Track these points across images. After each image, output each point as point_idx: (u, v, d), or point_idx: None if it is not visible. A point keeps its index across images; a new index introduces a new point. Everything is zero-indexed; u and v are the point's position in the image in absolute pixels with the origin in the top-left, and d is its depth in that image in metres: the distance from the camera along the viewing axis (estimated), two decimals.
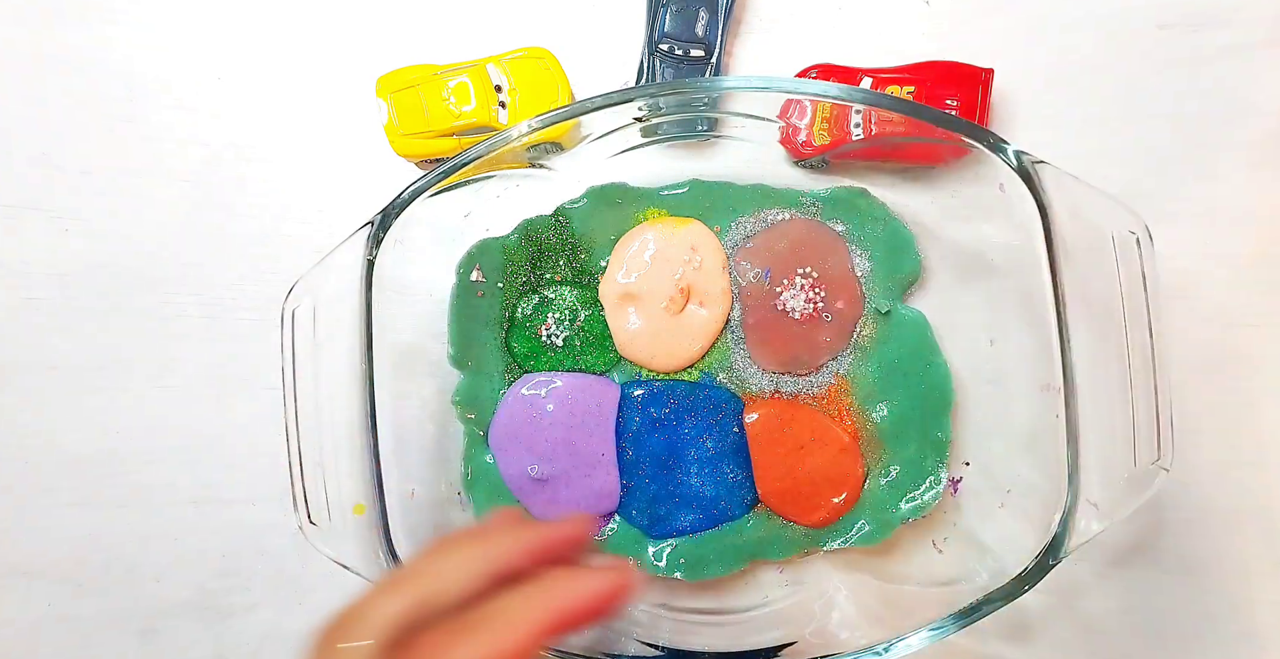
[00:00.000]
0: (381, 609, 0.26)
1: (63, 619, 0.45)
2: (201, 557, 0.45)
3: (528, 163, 0.40)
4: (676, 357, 0.42)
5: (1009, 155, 0.35)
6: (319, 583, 0.45)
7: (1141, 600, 0.42)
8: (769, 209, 0.43)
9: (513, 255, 0.42)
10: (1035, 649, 0.43)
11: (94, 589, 0.45)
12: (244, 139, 0.46)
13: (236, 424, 0.45)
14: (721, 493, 0.42)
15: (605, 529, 0.42)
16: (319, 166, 0.46)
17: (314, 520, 0.35)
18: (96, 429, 0.45)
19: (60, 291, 0.46)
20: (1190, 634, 0.42)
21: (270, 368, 0.45)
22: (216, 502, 0.45)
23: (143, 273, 0.46)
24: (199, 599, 0.45)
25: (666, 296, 0.42)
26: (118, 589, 0.45)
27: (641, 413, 0.42)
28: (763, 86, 0.36)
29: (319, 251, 0.45)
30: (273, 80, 0.46)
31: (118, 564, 0.45)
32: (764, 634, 0.40)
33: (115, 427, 0.45)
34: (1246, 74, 0.44)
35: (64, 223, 0.46)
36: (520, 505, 0.42)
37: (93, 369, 0.45)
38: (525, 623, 0.25)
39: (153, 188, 0.46)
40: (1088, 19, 0.44)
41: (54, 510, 0.45)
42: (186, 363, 0.45)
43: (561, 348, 0.42)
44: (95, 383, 0.45)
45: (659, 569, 0.41)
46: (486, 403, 0.42)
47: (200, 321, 0.45)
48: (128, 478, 0.45)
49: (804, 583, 0.43)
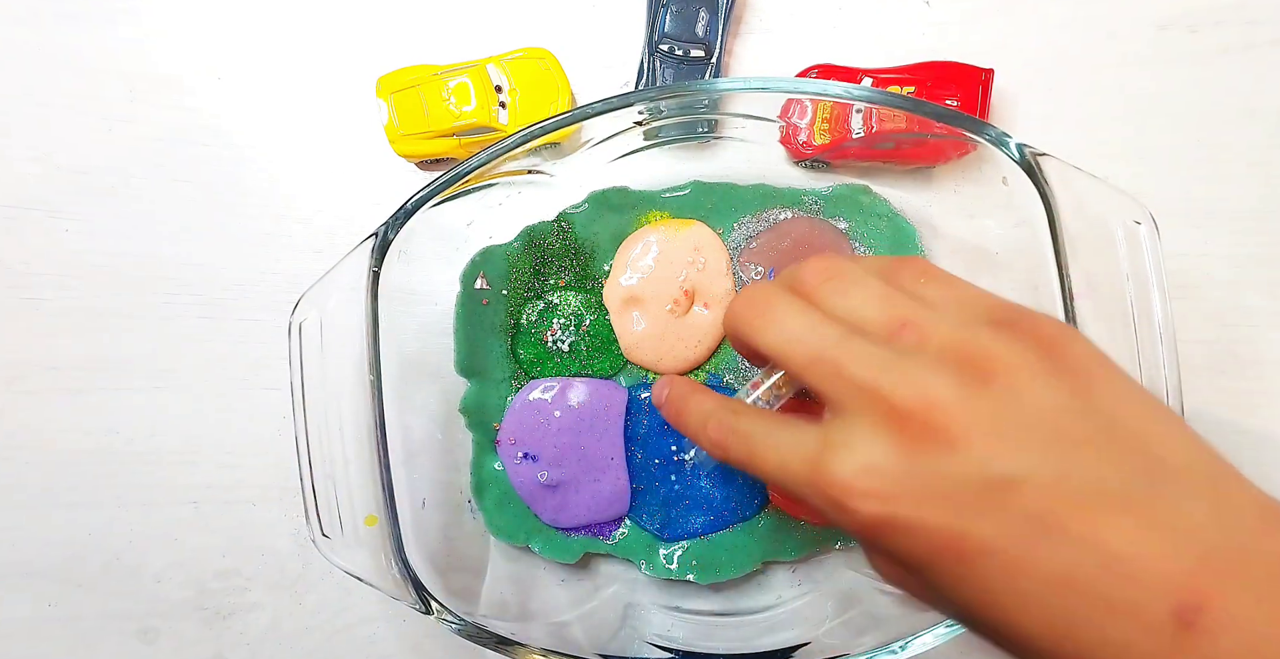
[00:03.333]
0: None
1: (63, 619, 0.45)
2: (201, 557, 0.45)
3: (526, 170, 0.40)
4: (683, 359, 0.42)
5: (1012, 149, 0.35)
6: (319, 583, 0.45)
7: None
8: (771, 208, 0.43)
9: (516, 262, 0.42)
10: None
11: (94, 589, 0.45)
12: (244, 139, 0.46)
13: (236, 424, 0.45)
14: (732, 494, 0.41)
15: (615, 533, 0.42)
16: (319, 166, 0.46)
17: (327, 533, 0.35)
18: (96, 429, 0.45)
19: (60, 291, 0.46)
20: None
21: (270, 368, 0.45)
22: (216, 502, 0.45)
23: (143, 273, 0.46)
24: (199, 599, 0.45)
25: (671, 299, 0.42)
26: (118, 589, 0.45)
27: (650, 415, 0.42)
28: (762, 87, 0.36)
29: (319, 252, 0.46)
30: (273, 80, 0.46)
31: (118, 564, 0.45)
32: (778, 635, 0.40)
33: (115, 427, 0.45)
34: (1247, 74, 0.44)
35: (64, 223, 0.46)
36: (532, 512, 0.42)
37: (93, 369, 0.45)
38: None
39: (153, 188, 0.46)
40: (1088, 19, 0.44)
41: (54, 510, 0.45)
42: (186, 363, 0.45)
43: (568, 353, 0.42)
44: (95, 383, 0.45)
45: (671, 572, 0.41)
46: (494, 410, 0.42)
47: (200, 322, 0.45)
48: (128, 478, 0.45)
49: (816, 582, 0.42)
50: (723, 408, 0.28)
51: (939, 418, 0.22)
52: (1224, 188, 0.44)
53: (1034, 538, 0.20)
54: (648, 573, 0.41)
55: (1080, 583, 0.20)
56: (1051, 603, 0.20)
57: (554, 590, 0.43)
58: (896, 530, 0.22)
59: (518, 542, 0.42)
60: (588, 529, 0.42)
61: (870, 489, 0.22)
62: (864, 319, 0.25)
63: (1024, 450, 0.21)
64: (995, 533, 0.21)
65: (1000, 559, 0.21)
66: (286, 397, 0.36)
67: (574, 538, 0.42)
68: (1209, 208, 0.43)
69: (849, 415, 0.23)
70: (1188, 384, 0.41)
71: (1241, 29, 0.44)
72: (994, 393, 0.22)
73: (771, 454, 0.25)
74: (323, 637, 0.44)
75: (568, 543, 0.42)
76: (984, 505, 0.21)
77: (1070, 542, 0.20)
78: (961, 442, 0.21)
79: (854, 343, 0.24)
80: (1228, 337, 0.43)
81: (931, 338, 0.23)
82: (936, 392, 0.22)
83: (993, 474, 0.21)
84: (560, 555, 0.42)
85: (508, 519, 0.42)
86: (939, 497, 0.21)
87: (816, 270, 0.26)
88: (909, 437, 0.22)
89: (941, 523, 0.21)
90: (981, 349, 0.23)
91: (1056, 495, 0.21)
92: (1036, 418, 0.22)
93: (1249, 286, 0.43)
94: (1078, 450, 0.21)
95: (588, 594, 0.43)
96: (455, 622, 0.35)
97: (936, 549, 0.22)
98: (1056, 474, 0.21)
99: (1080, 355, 0.23)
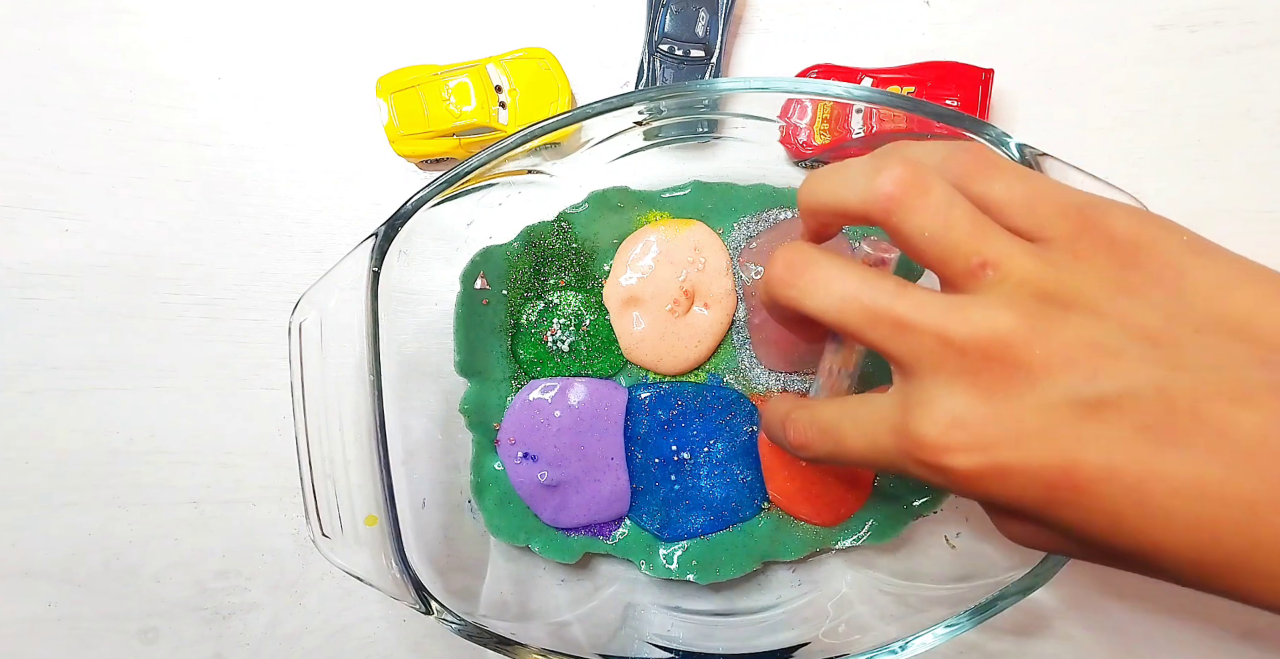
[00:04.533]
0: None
1: (63, 619, 0.45)
2: (201, 557, 0.45)
3: (526, 170, 0.40)
4: (682, 359, 0.42)
5: (1012, 149, 0.35)
6: (319, 583, 0.45)
7: (1153, 597, 0.42)
8: (771, 209, 0.43)
9: (516, 262, 0.42)
10: (1045, 645, 0.43)
11: (94, 589, 0.45)
12: (244, 139, 0.46)
13: (236, 424, 0.45)
14: (732, 494, 0.41)
15: (615, 533, 0.42)
16: (319, 167, 0.46)
17: (327, 533, 0.35)
18: (96, 429, 0.45)
19: (60, 291, 0.46)
20: (1194, 635, 0.42)
21: (270, 368, 0.45)
22: (216, 502, 0.45)
23: (143, 273, 0.46)
24: (199, 599, 0.45)
25: (671, 299, 0.42)
26: (118, 589, 0.45)
27: (650, 416, 0.42)
28: (762, 87, 0.36)
29: (319, 252, 0.46)
30: (273, 80, 0.46)
31: (118, 564, 0.45)
32: (778, 635, 0.40)
33: (115, 427, 0.45)
34: (1246, 74, 0.44)
35: (64, 223, 0.46)
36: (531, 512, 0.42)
37: (93, 369, 0.45)
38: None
39: (153, 188, 0.46)
40: (1087, 19, 0.44)
41: (54, 510, 0.45)
42: (186, 363, 0.45)
43: (568, 353, 0.42)
44: (95, 383, 0.45)
45: (670, 572, 0.41)
46: (494, 410, 0.42)
47: (200, 322, 0.45)
48: (128, 478, 0.45)
49: (816, 582, 0.43)
50: (795, 407, 0.27)
51: (1014, 354, 0.21)
52: (1224, 188, 0.44)
53: (1151, 451, 0.19)
54: (648, 573, 0.41)
55: (1214, 487, 0.19)
56: (1188, 514, 0.19)
57: (554, 590, 0.43)
58: (1003, 478, 0.21)
59: (518, 542, 0.42)
60: (587, 529, 0.42)
61: (962, 443, 0.21)
62: (945, 251, 0.23)
63: (1117, 367, 0.20)
64: (1108, 455, 0.20)
65: (1121, 481, 0.20)
66: (287, 396, 0.36)
67: (574, 538, 0.42)
68: (1209, 208, 0.43)
69: (922, 371, 0.22)
70: None
71: (1241, 29, 0.44)
72: (1074, 319, 0.21)
73: (857, 438, 0.24)
74: (323, 637, 0.44)
75: (567, 543, 0.42)
76: (1086, 430, 0.20)
77: (1192, 447, 0.19)
78: (1042, 372, 0.20)
79: (911, 292, 0.22)
80: None
81: (1011, 273, 0.22)
82: (1005, 326, 0.21)
83: (1087, 396, 0.20)
84: (560, 555, 0.42)
85: (508, 519, 0.42)
86: (1036, 433, 0.20)
87: (898, 180, 0.23)
88: (988, 379, 0.21)
89: (1046, 459, 0.20)
90: (1056, 281, 0.21)
91: (1164, 402, 0.19)
92: (1123, 333, 0.20)
93: None
94: (1178, 353, 0.20)
95: (588, 594, 0.43)
96: (455, 622, 0.35)
97: (1050, 487, 0.20)
98: (1159, 382, 0.20)
99: (1164, 251, 0.22)
